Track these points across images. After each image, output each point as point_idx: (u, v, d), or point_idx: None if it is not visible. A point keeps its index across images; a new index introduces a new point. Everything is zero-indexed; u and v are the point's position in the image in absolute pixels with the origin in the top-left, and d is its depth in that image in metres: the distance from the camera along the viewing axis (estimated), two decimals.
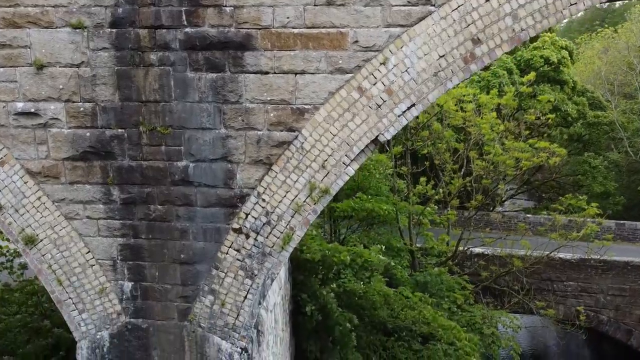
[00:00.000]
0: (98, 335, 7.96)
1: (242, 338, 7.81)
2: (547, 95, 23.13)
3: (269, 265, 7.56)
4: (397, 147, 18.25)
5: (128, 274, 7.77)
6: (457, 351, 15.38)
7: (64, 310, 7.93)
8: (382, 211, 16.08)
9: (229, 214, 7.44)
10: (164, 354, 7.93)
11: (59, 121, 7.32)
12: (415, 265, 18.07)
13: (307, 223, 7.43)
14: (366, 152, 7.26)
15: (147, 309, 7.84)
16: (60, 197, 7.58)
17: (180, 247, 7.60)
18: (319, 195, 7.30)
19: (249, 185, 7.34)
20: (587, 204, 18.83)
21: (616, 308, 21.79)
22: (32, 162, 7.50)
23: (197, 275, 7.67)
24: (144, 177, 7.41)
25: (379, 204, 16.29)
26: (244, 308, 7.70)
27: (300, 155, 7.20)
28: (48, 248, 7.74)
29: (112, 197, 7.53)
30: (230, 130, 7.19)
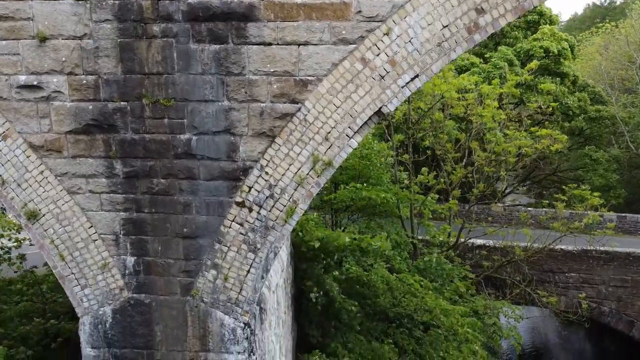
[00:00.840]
0: (100, 311, 7.93)
1: (245, 313, 7.79)
2: (549, 84, 23.08)
3: (272, 238, 7.54)
4: (399, 136, 18.21)
5: (131, 248, 7.75)
6: (458, 337, 15.39)
7: (66, 285, 7.91)
8: (380, 199, 16.02)
9: (232, 187, 7.42)
10: (166, 329, 7.91)
11: (61, 94, 7.30)
12: (417, 255, 18.04)
13: (310, 196, 7.41)
14: (369, 124, 7.24)
15: (150, 284, 7.82)
16: (62, 171, 7.56)
17: (183, 221, 7.58)
18: (322, 167, 7.29)
19: (252, 158, 7.32)
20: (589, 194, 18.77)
21: (618, 299, 21.75)
22: (34, 136, 7.48)
23: (200, 249, 7.65)
24: (146, 150, 7.39)
25: (377, 192, 16.23)
26: (246, 282, 7.68)
27: (304, 127, 7.18)
28: (50, 223, 7.72)
29: (115, 171, 7.51)
30: (233, 102, 7.17)
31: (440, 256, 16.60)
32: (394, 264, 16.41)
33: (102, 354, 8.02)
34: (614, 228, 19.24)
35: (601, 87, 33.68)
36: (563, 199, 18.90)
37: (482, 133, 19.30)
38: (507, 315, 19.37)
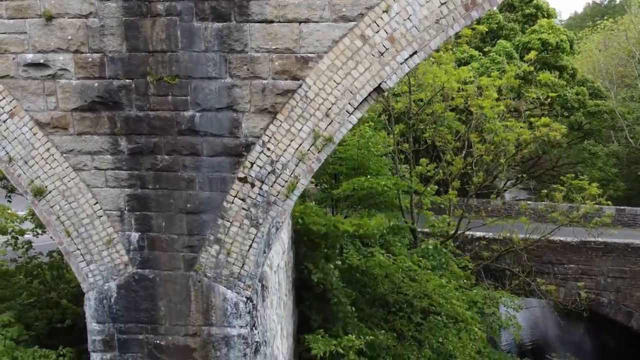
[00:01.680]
0: (105, 286, 8.09)
1: (247, 287, 7.94)
2: (547, 75, 23.22)
3: (274, 214, 7.70)
4: (400, 125, 18.37)
5: (135, 224, 7.90)
6: (458, 324, 15.53)
7: (72, 261, 8.07)
8: (381, 187, 16.16)
9: (234, 163, 7.58)
10: (170, 304, 8.06)
11: (67, 72, 7.46)
12: (416, 245, 18.18)
13: (311, 171, 7.57)
14: (369, 100, 7.40)
15: (154, 259, 7.97)
16: (68, 148, 7.72)
17: (186, 197, 7.74)
18: (322, 143, 7.44)
19: (254, 134, 7.48)
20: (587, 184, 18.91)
21: (617, 290, 21.89)
22: (41, 114, 7.64)
23: (203, 224, 7.80)
24: (151, 127, 7.54)
25: (377, 180, 16.36)
26: (249, 257, 7.84)
27: (304, 103, 7.34)
28: (57, 199, 7.88)
29: (120, 148, 7.66)
30: (235, 79, 7.32)
31: (437, 242, 16.74)
32: (395, 249, 16.55)
33: (107, 328, 8.17)
34: (612, 219, 19.35)
35: (600, 81, 33.82)
36: (561, 190, 19.04)
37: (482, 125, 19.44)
38: (506, 305, 19.50)
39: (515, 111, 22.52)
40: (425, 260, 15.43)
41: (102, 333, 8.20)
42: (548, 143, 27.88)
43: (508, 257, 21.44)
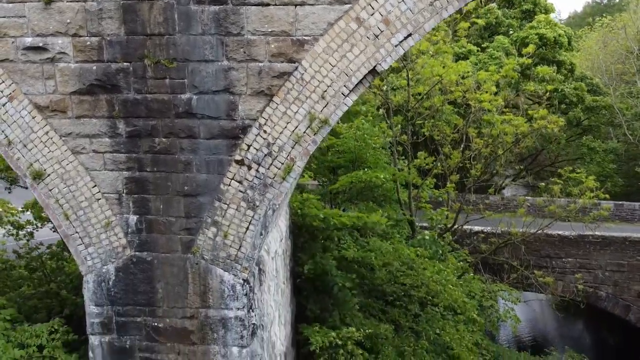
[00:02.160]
0: (104, 269, 8.16)
1: (244, 269, 8.01)
2: (545, 69, 23.31)
3: (270, 196, 7.77)
4: (398, 117, 18.44)
5: (133, 207, 7.98)
6: (457, 316, 15.61)
7: (70, 244, 8.15)
8: (379, 180, 16.23)
9: (231, 145, 7.66)
10: (167, 287, 8.14)
11: (66, 55, 7.54)
12: (414, 237, 18.24)
13: (307, 154, 7.64)
14: (364, 83, 7.47)
15: (152, 242, 8.05)
16: (67, 131, 7.80)
17: (184, 180, 7.82)
18: (318, 125, 7.52)
19: (251, 116, 7.56)
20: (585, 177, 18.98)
21: (614, 284, 21.97)
22: (40, 97, 7.72)
23: (200, 207, 7.88)
24: (148, 109, 7.62)
25: (375, 173, 16.43)
26: (245, 239, 7.91)
27: (300, 86, 7.42)
28: (55, 183, 7.96)
29: (118, 131, 7.74)
30: (232, 62, 7.40)
31: (434, 233, 16.82)
32: (393, 241, 16.60)
33: (105, 311, 8.24)
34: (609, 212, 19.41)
35: (599, 77, 33.91)
36: (559, 183, 19.11)
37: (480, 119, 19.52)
38: (504, 298, 19.59)
39: (514, 107, 22.62)
40: (422, 249, 15.49)
41: (100, 316, 8.27)
42: (546, 138, 28.03)
43: (506, 251, 21.53)
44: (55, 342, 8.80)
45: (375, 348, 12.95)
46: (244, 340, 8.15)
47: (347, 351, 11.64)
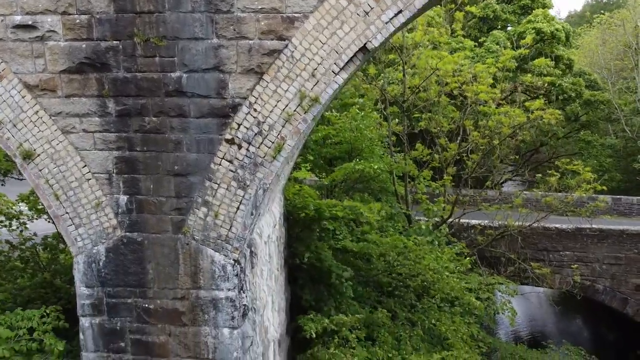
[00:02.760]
0: (94, 250, 8.13)
1: (235, 250, 7.98)
2: (543, 59, 23.23)
3: (261, 175, 7.74)
4: (394, 107, 18.39)
5: (123, 187, 7.94)
6: (454, 309, 15.56)
7: (61, 225, 8.11)
8: (374, 171, 16.19)
9: (221, 124, 7.63)
10: (158, 267, 8.10)
11: (55, 34, 7.51)
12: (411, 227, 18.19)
13: (297, 132, 7.61)
14: (355, 61, 7.44)
15: (142, 222, 8.01)
16: (57, 110, 7.77)
17: (174, 159, 7.78)
18: (309, 104, 7.49)
19: (241, 95, 7.52)
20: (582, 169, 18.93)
21: (612, 277, 21.89)
22: (29, 76, 7.69)
23: (191, 187, 7.84)
24: (138, 88, 7.59)
25: (369, 163, 16.38)
26: (236, 219, 7.88)
27: (291, 64, 7.39)
28: (45, 163, 7.93)
29: (108, 110, 7.71)
30: (222, 39, 7.37)
31: (430, 223, 16.77)
32: (388, 234, 16.57)
33: (96, 292, 8.21)
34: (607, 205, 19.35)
35: (597, 73, 33.87)
36: (556, 175, 19.07)
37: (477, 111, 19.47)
38: (501, 291, 19.52)
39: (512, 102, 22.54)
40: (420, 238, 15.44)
41: (90, 297, 8.24)
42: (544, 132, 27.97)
43: (503, 244, 21.48)
44: (45, 326, 8.76)
45: (371, 335, 12.92)
46: (235, 321, 8.12)
47: (341, 337, 11.61)
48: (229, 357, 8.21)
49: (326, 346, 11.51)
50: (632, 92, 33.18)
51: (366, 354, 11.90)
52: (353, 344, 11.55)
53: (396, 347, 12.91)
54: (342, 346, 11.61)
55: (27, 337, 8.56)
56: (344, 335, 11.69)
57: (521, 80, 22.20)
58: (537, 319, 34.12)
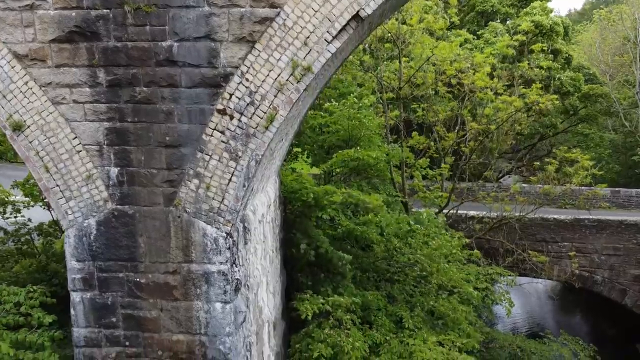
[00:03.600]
0: (85, 223, 8.03)
1: (227, 222, 7.89)
2: (540, 44, 23.16)
3: (253, 146, 7.65)
4: (389, 94, 18.31)
5: (114, 159, 7.85)
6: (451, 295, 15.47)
7: (51, 198, 8.02)
8: (372, 159, 16.11)
9: (213, 94, 7.54)
10: (149, 240, 8.01)
11: (45, 2, 7.42)
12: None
13: (290, 102, 7.52)
14: (348, 30, 7.35)
15: (133, 195, 7.92)
16: (46, 80, 7.68)
17: (165, 130, 7.69)
18: (301, 73, 7.40)
19: (233, 64, 7.43)
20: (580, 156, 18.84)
21: (610, 268, 21.84)
22: (19, 46, 7.59)
23: (182, 158, 7.75)
24: (129, 57, 7.50)
25: (367, 152, 16.30)
26: (228, 191, 7.79)
27: (283, 32, 7.30)
28: (35, 134, 7.84)
29: (98, 80, 7.62)
30: (213, 7, 7.28)
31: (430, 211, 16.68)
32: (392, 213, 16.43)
33: (87, 266, 8.11)
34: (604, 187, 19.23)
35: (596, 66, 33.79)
36: (554, 163, 18.99)
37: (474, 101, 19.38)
38: (499, 281, 19.43)
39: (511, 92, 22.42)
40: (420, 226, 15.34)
41: (81, 271, 8.14)
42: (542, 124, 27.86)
43: (501, 235, 21.40)
44: (32, 302, 8.66)
45: (368, 319, 12.83)
46: (227, 295, 8.03)
47: (336, 318, 11.52)
48: (221, 332, 8.12)
49: (321, 327, 11.41)
50: (631, 85, 33.11)
51: (362, 337, 11.81)
52: (348, 325, 11.45)
53: (394, 331, 12.83)
54: (337, 327, 11.51)
55: (15, 311, 8.46)
56: (338, 316, 11.60)
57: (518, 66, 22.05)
58: (535, 313, 34.03)
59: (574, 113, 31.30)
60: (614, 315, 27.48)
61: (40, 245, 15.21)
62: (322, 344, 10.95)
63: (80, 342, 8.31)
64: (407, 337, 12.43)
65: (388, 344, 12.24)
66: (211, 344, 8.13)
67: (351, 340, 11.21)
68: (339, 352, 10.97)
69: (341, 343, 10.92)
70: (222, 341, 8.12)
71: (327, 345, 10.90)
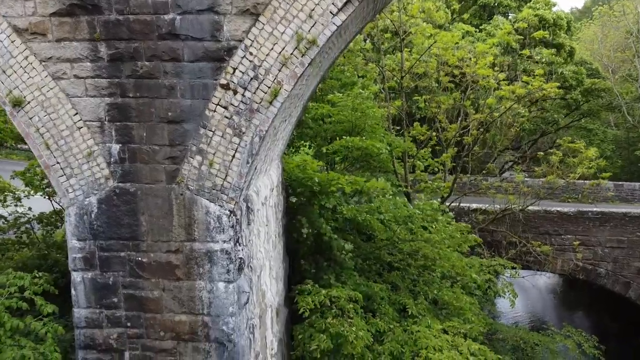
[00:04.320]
0: (86, 202, 7.91)
1: (230, 200, 7.76)
2: (542, 32, 23.00)
3: (257, 122, 7.53)
4: (392, 82, 18.19)
5: (116, 135, 7.73)
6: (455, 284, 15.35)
7: (52, 176, 7.90)
8: (376, 149, 15.98)
9: (216, 68, 7.41)
10: (152, 219, 7.88)
11: None
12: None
13: (294, 76, 7.40)
14: (353, 2, 7.23)
15: (135, 172, 7.80)
16: (47, 55, 7.56)
17: (167, 105, 7.57)
18: (306, 46, 7.28)
19: (236, 37, 7.31)
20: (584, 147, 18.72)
21: (614, 260, 21.68)
22: (19, 19, 7.47)
23: (185, 134, 7.63)
24: (130, 31, 7.38)
25: (371, 142, 16.17)
26: (232, 168, 7.66)
27: (287, 4, 7.18)
28: (35, 110, 7.72)
29: (99, 54, 7.49)
30: None
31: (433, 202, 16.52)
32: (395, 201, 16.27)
33: (88, 245, 7.99)
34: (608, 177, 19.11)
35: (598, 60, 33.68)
36: (558, 154, 18.86)
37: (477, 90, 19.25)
38: (502, 273, 19.30)
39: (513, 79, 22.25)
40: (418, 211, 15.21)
41: (82, 250, 8.01)
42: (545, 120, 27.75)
43: (504, 227, 21.28)
44: (37, 288, 8.52)
45: (371, 306, 12.69)
46: (231, 274, 7.90)
47: (339, 307, 11.37)
48: (224, 313, 7.99)
49: (324, 316, 11.27)
50: (633, 79, 32.99)
51: (365, 326, 11.66)
52: (351, 314, 11.29)
53: (397, 319, 12.69)
54: (340, 316, 11.36)
55: (19, 296, 8.32)
56: (341, 305, 11.44)
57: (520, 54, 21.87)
58: (537, 309, 33.93)
59: (577, 107, 31.17)
60: (617, 311, 27.33)
61: (41, 235, 15.11)
62: (323, 334, 10.80)
63: (81, 322, 8.18)
64: (411, 325, 12.29)
65: (392, 332, 12.11)
66: (214, 325, 8.00)
67: (355, 330, 11.07)
68: (344, 342, 10.83)
69: (345, 332, 10.77)
70: (225, 321, 7.99)
71: (330, 335, 10.74)
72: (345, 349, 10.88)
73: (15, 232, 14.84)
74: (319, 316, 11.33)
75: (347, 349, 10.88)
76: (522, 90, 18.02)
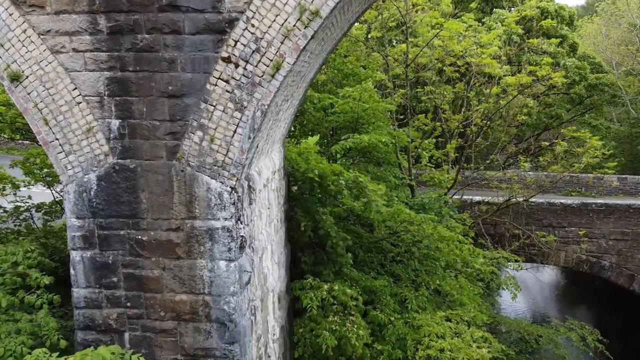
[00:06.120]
0: (85, 178, 7.77)
1: (232, 177, 7.62)
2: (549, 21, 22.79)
3: (259, 96, 7.39)
4: (397, 70, 18.05)
5: (115, 110, 7.59)
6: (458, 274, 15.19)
7: (50, 152, 7.76)
8: (382, 145, 15.84)
9: (217, 41, 7.27)
10: (152, 196, 7.74)
11: None
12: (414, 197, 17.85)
13: (297, 49, 7.26)
14: None
15: (135, 148, 7.66)
16: (45, 28, 7.42)
17: (168, 79, 7.42)
18: (309, 18, 7.14)
19: (238, 8, 7.17)
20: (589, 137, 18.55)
21: (618, 253, 21.52)
22: None
23: (186, 109, 7.49)
24: (130, 3, 7.24)
25: (376, 136, 16.03)
26: (233, 143, 7.53)
27: None
28: (34, 85, 7.58)
29: (99, 27, 7.36)
30: None
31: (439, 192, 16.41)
32: (393, 204, 16.16)
33: (87, 223, 7.85)
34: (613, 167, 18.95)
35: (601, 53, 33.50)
36: (563, 144, 18.70)
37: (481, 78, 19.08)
38: (505, 265, 19.16)
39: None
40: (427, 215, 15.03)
41: (81, 229, 7.88)
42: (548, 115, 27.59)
43: (507, 219, 21.13)
44: (30, 261, 8.39)
45: (372, 300, 12.50)
46: (232, 253, 7.76)
47: (340, 302, 11.20)
48: (225, 292, 7.85)
49: (325, 312, 11.10)
50: (638, 73, 32.82)
51: (365, 324, 11.45)
52: (352, 311, 11.11)
53: (398, 311, 12.51)
54: (341, 313, 11.19)
55: (12, 272, 8.19)
56: (342, 301, 11.25)
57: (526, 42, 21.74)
58: (539, 305, 33.78)
59: (580, 102, 31.01)
60: (620, 307, 27.17)
61: (41, 226, 14.98)
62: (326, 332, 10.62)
63: (80, 303, 8.04)
64: (413, 316, 12.09)
65: (392, 325, 11.92)
66: (215, 304, 7.87)
67: (355, 329, 10.87)
68: (345, 343, 10.65)
69: (347, 334, 10.59)
70: (227, 301, 7.85)
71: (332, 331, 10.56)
72: (347, 349, 10.73)
73: (14, 220, 14.72)
74: (320, 311, 11.15)
75: (348, 349, 10.73)
76: (528, 79, 17.87)
